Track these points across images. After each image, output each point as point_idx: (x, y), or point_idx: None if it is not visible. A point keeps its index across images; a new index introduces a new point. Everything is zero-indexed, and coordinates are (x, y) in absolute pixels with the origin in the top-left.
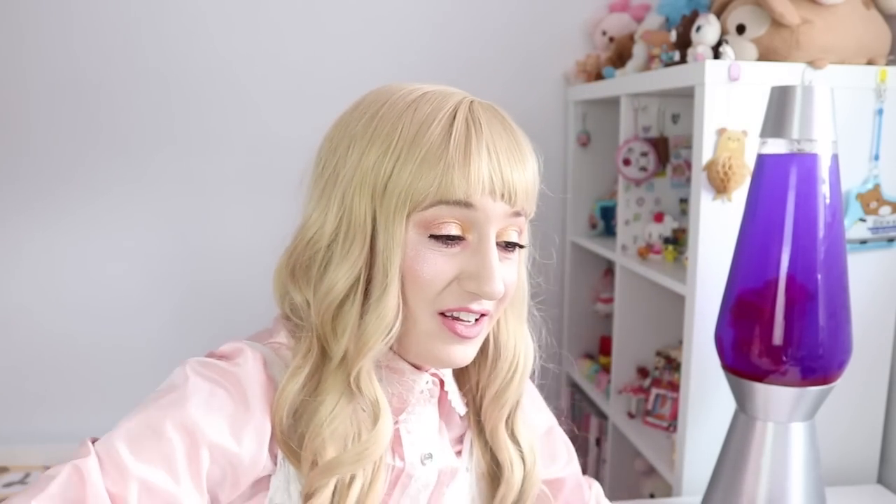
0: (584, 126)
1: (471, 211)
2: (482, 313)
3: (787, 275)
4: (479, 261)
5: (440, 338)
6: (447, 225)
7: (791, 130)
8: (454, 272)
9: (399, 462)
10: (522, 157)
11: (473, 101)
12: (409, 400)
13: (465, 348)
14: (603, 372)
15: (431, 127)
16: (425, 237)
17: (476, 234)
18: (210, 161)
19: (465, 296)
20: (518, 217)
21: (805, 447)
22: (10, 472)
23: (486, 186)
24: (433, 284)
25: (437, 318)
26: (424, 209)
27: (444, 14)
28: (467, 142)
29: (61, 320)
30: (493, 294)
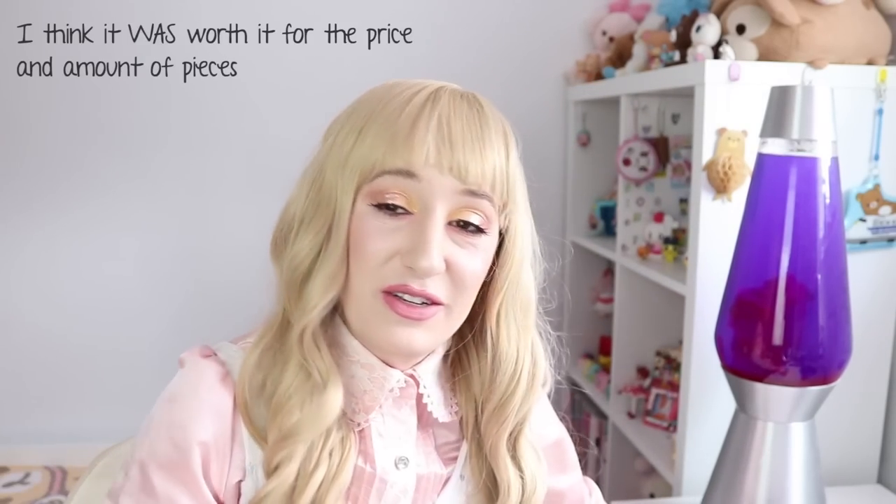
0: (584, 126)
1: (415, 182)
2: (432, 299)
3: (787, 275)
4: (418, 233)
5: (383, 317)
6: (391, 195)
7: (791, 130)
8: (396, 247)
9: (370, 468)
10: (482, 136)
11: (448, 86)
12: (379, 398)
13: (411, 332)
14: (603, 372)
15: (392, 104)
16: (370, 207)
17: (421, 207)
18: (210, 161)
19: (405, 272)
20: (476, 198)
21: (805, 447)
22: (10, 472)
23: (430, 157)
24: (375, 257)
25: (379, 297)
26: (372, 180)
27: (445, 14)
28: (419, 114)
29: (61, 321)
30: (425, 269)
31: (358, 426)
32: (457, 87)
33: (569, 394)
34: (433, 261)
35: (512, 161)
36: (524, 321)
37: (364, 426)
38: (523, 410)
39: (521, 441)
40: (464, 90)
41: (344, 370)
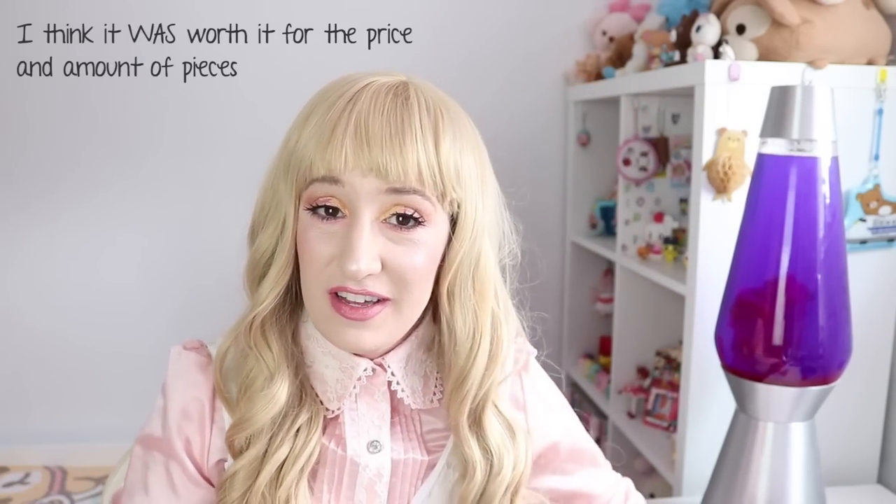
0: (584, 126)
1: (339, 187)
2: (372, 296)
3: (787, 275)
4: (346, 238)
5: (332, 319)
6: (322, 199)
7: (791, 130)
8: (333, 250)
9: (342, 451)
10: (402, 131)
11: (375, 81)
12: (349, 386)
13: (359, 332)
14: (603, 372)
15: (321, 107)
16: (309, 213)
17: (350, 211)
18: (210, 161)
19: (344, 274)
20: (404, 195)
21: (805, 447)
22: (10, 472)
23: (349, 162)
24: (315, 261)
25: (327, 298)
26: (307, 187)
27: (445, 15)
28: (339, 118)
29: (61, 321)
30: (353, 273)
31: (332, 413)
32: (392, 79)
33: (569, 394)
34: (360, 264)
35: (444, 147)
36: (481, 300)
37: (337, 412)
38: (484, 386)
39: (485, 418)
40: (396, 82)
41: (318, 360)
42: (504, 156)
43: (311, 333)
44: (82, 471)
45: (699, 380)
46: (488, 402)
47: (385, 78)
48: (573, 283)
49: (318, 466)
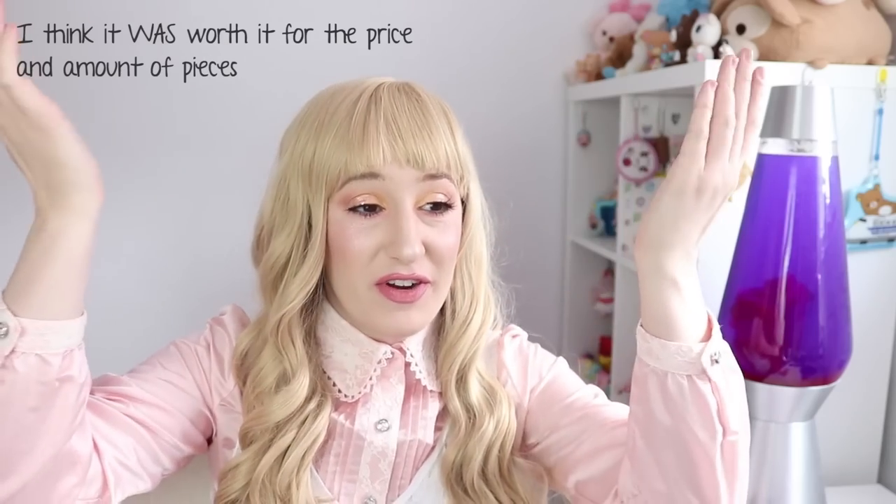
0: (584, 126)
1: (379, 181)
2: (419, 279)
3: (787, 275)
4: (395, 226)
5: (381, 306)
6: (361, 196)
7: (791, 130)
8: (378, 243)
9: (349, 424)
10: (427, 124)
11: (384, 82)
12: (370, 371)
13: (408, 314)
14: (603, 372)
15: (340, 111)
16: (346, 213)
17: (391, 202)
18: (210, 161)
19: (392, 262)
20: (437, 180)
21: (805, 447)
22: None
23: (387, 156)
24: (360, 257)
25: (374, 289)
26: (341, 188)
27: (445, 14)
28: (366, 118)
29: None
30: (409, 256)
31: (352, 398)
32: (391, 80)
33: None
34: (414, 248)
35: (458, 137)
36: (477, 275)
37: (357, 398)
38: (471, 351)
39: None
40: (400, 82)
41: (337, 348)
42: (504, 156)
43: (331, 324)
44: None
45: None
46: (473, 364)
47: (385, 79)
48: (573, 283)
49: (328, 441)
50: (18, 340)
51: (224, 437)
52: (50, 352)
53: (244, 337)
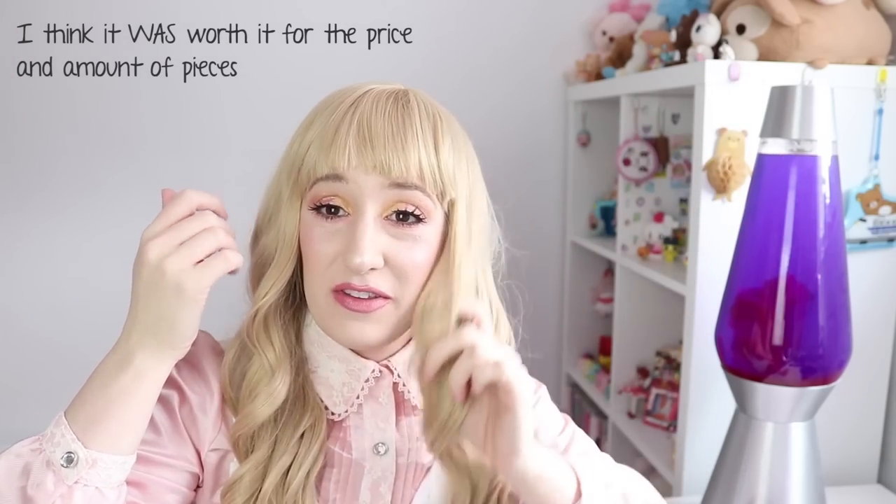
0: (584, 126)
1: (343, 184)
2: (374, 293)
3: (787, 275)
4: (352, 232)
5: (335, 314)
6: (327, 198)
7: (791, 130)
8: (336, 248)
9: (347, 454)
10: (403, 131)
11: (376, 88)
12: (356, 388)
13: (362, 325)
14: (603, 372)
15: (324, 113)
16: (311, 213)
17: (353, 208)
18: (210, 161)
19: (347, 271)
20: (405, 190)
21: (805, 447)
22: None
23: (352, 160)
24: (320, 259)
25: (331, 295)
26: (310, 188)
27: (445, 14)
28: (341, 120)
29: (60, 321)
30: (357, 266)
31: (338, 416)
32: (392, 87)
33: (569, 394)
34: (364, 257)
35: (443, 151)
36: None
37: (343, 416)
38: None
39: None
40: (396, 89)
41: (323, 364)
42: (504, 156)
43: (316, 339)
44: None
45: (699, 380)
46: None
47: (386, 85)
48: (573, 283)
49: (325, 469)
50: (86, 472)
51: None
52: (108, 485)
53: (229, 350)
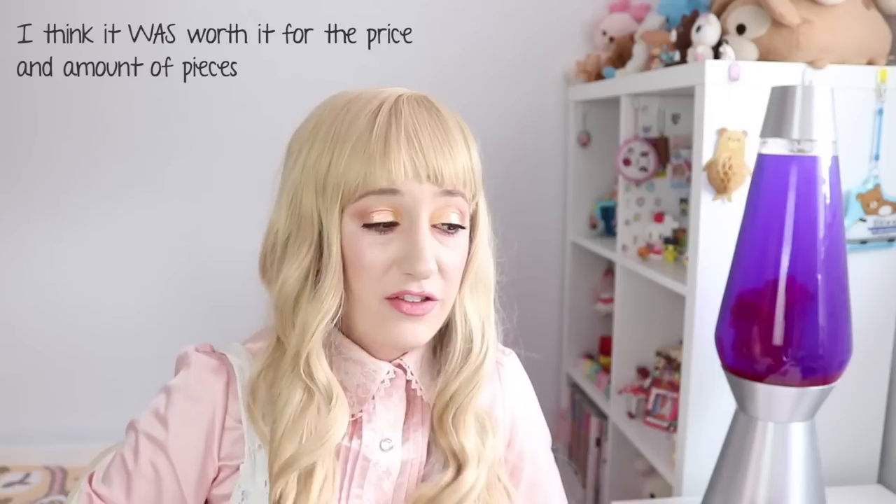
0: (584, 126)
1: (398, 196)
2: (427, 297)
3: (787, 275)
4: (411, 242)
5: (390, 317)
6: (378, 213)
7: (791, 130)
8: (391, 257)
9: (356, 443)
10: (448, 139)
11: (403, 94)
12: (371, 389)
13: (415, 326)
14: (603, 372)
15: (358, 122)
16: (360, 227)
17: (407, 218)
18: (210, 161)
19: (404, 278)
20: (452, 196)
21: (805, 447)
22: (10, 472)
23: (408, 171)
24: (373, 271)
25: (385, 303)
26: (356, 200)
27: (445, 14)
28: (388, 132)
29: (62, 321)
30: (424, 273)
31: (352, 416)
32: (409, 92)
33: (569, 394)
34: (430, 265)
35: (474, 153)
36: (486, 304)
37: (358, 416)
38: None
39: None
40: (418, 95)
41: (338, 368)
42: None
43: (333, 341)
44: (82, 471)
45: (699, 380)
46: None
47: (404, 91)
48: (573, 283)
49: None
50: None
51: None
52: None
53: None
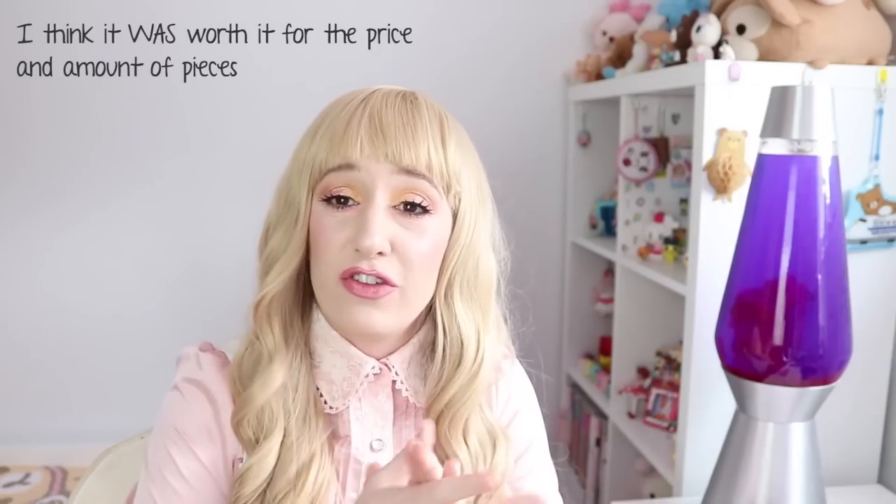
0: (584, 126)
1: (355, 172)
2: (382, 278)
3: (787, 275)
4: (362, 217)
5: (343, 299)
6: (337, 188)
7: (791, 130)
8: (347, 235)
9: (346, 448)
10: (414, 124)
11: (386, 88)
12: (355, 383)
13: (369, 311)
14: (603, 372)
15: (334, 111)
16: (322, 204)
17: (365, 195)
18: (210, 161)
19: (355, 255)
20: (414, 178)
21: (805, 447)
22: (10, 472)
23: (365, 149)
24: (329, 246)
25: (339, 282)
26: (321, 179)
27: (445, 14)
28: (353, 114)
29: (61, 320)
30: (368, 247)
31: (335, 410)
32: (400, 88)
33: (569, 394)
34: (374, 238)
35: (451, 148)
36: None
37: (342, 409)
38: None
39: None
40: (405, 90)
41: (326, 359)
42: (504, 156)
43: (321, 334)
44: (82, 471)
45: (699, 380)
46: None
47: (393, 87)
48: (573, 283)
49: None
50: None
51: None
52: None
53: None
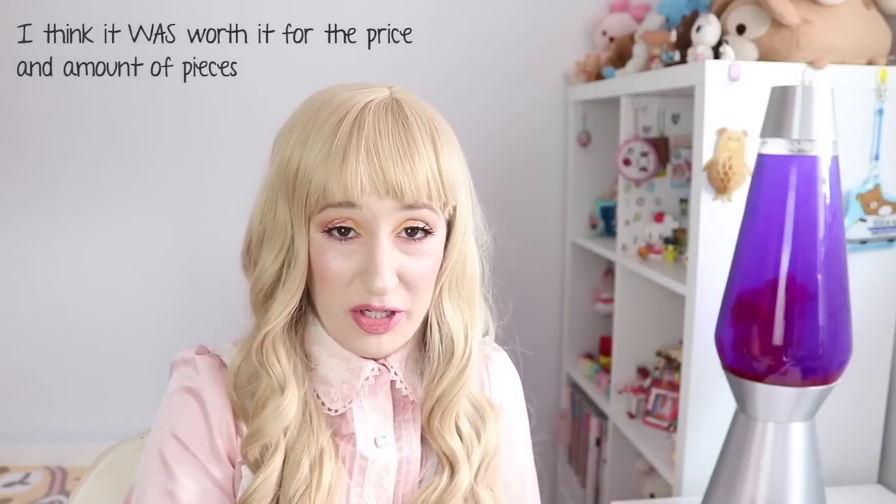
0: (584, 126)
1: (356, 210)
2: (391, 311)
3: (787, 275)
4: (369, 258)
5: (352, 331)
6: (339, 221)
7: (791, 130)
8: (354, 269)
9: (352, 446)
10: (410, 152)
11: (372, 101)
12: (356, 386)
13: (378, 340)
14: (603, 372)
15: (323, 130)
16: (323, 235)
17: (367, 231)
18: (210, 161)
19: (366, 293)
20: (415, 210)
21: (805, 447)
22: (10, 472)
23: (366, 187)
24: (335, 281)
25: (349, 315)
26: (319, 212)
27: (445, 15)
28: (347, 145)
29: (61, 320)
30: (381, 289)
31: (335, 412)
32: (381, 97)
33: (569, 394)
34: (386, 280)
35: (443, 159)
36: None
37: (343, 411)
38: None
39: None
40: (389, 100)
41: (324, 363)
42: (504, 156)
43: (316, 338)
44: (82, 471)
45: (699, 380)
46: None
47: (374, 94)
48: (573, 283)
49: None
50: None
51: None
52: None
53: (236, 359)
